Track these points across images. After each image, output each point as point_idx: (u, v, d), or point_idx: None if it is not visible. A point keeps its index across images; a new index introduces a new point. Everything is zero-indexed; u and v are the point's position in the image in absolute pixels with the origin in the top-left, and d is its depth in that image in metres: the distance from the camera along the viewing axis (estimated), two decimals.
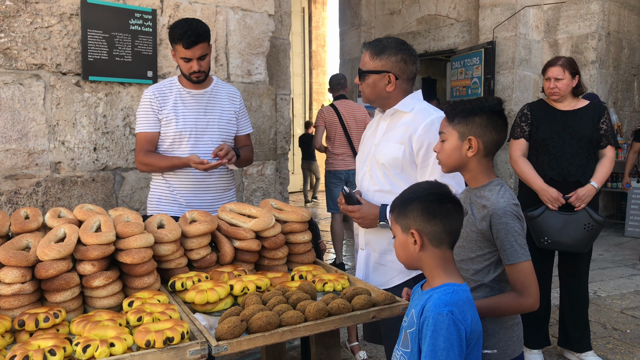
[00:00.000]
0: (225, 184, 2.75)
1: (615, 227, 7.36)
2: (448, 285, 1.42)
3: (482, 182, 1.70)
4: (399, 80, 2.10)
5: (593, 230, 3.03)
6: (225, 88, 2.78)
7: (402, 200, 1.48)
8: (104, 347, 1.35)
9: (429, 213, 1.42)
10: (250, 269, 2.13)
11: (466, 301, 1.40)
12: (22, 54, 2.94)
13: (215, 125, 2.67)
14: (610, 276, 5.14)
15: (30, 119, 2.97)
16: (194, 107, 2.64)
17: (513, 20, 6.89)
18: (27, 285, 1.64)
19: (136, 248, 1.79)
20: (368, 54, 2.10)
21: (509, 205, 1.61)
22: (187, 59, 2.52)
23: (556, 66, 3.11)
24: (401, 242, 1.48)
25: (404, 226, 1.46)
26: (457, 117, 1.69)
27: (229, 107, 2.74)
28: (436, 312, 1.34)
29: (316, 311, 1.61)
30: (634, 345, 3.53)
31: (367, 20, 8.98)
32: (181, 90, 2.65)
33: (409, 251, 1.46)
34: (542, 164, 3.12)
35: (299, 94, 12.93)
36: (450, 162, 1.72)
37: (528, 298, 1.59)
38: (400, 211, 1.47)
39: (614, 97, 7.48)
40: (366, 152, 2.26)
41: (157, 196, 2.70)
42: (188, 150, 2.60)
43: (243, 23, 3.77)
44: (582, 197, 3.02)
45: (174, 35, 2.50)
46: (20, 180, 2.96)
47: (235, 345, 1.46)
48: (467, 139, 1.66)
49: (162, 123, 2.60)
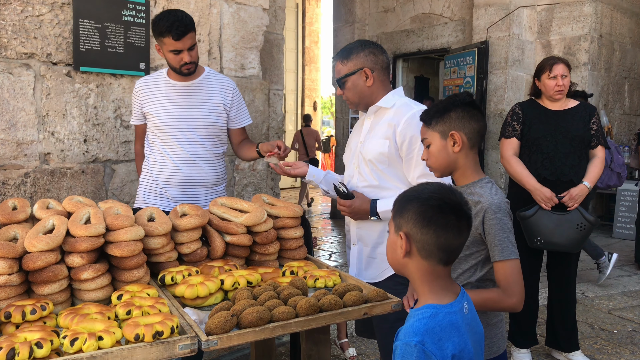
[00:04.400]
0: (214, 180, 2.69)
1: (604, 228, 7.41)
2: (427, 307, 1.24)
3: (471, 179, 1.71)
4: (374, 72, 2.15)
5: (585, 230, 3.04)
6: (217, 79, 2.71)
7: (404, 196, 1.32)
8: (92, 340, 1.33)
9: (423, 219, 1.24)
10: (241, 263, 2.11)
11: (447, 326, 1.21)
12: (12, 43, 2.89)
13: (201, 117, 2.61)
14: (598, 277, 5.18)
15: (20, 108, 2.93)
16: (179, 99, 2.59)
17: (507, 21, 6.91)
18: (14, 276, 1.61)
19: (126, 241, 1.77)
20: (339, 63, 2.19)
21: (503, 203, 1.63)
22: (178, 51, 2.46)
23: (561, 64, 3.10)
24: (391, 241, 1.33)
25: (397, 225, 1.30)
26: (433, 118, 1.72)
27: (218, 99, 2.66)
28: (404, 341, 1.18)
29: (307, 307, 1.60)
30: (620, 346, 3.56)
31: (361, 17, 8.96)
32: (168, 82, 2.61)
33: (395, 254, 1.30)
34: (535, 164, 3.12)
35: (292, 90, 12.90)
36: (440, 165, 1.73)
37: (512, 297, 1.59)
38: (398, 208, 1.31)
39: (605, 99, 7.53)
40: (352, 150, 2.31)
41: (144, 190, 2.68)
42: (174, 143, 2.58)
43: (237, 16, 3.74)
44: (575, 197, 3.03)
45: (160, 28, 2.43)
46: (8, 171, 2.92)
47: (225, 340, 1.45)
48: (449, 135, 1.68)
49: (148, 117, 2.63)
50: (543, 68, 3.15)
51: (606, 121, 7.34)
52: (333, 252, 6.36)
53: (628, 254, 5.98)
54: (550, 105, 3.17)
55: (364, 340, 3.57)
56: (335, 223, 8.35)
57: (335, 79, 2.21)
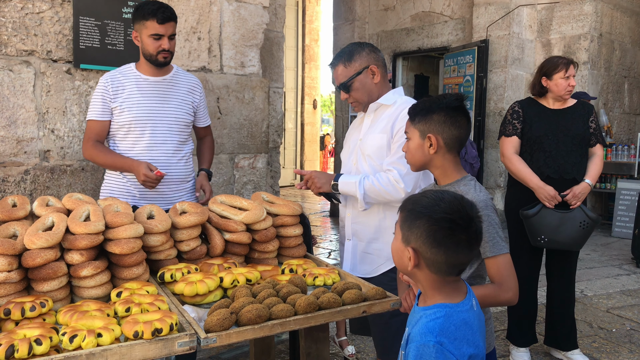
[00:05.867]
0: (182, 175, 2.65)
1: (603, 227, 7.42)
2: (440, 307, 1.22)
3: (452, 177, 1.73)
4: (379, 68, 2.20)
5: (588, 227, 3.05)
6: (186, 77, 2.70)
7: (413, 210, 1.25)
8: (92, 337, 1.33)
9: (434, 240, 1.20)
10: (240, 261, 2.11)
11: (462, 325, 1.20)
12: (12, 40, 2.89)
13: (172, 114, 2.59)
14: (597, 276, 5.18)
15: (20, 106, 2.93)
16: (151, 94, 2.55)
17: (507, 19, 6.91)
18: (13, 273, 1.61)
19: (125, 238, 1.77)
20: (341, 66, 2.20)
21: (488, 199, 1.66)
22: (159, 36, 2.44)
23: (572, 64, 3.11)
24: (397, 248, 1.29)
25: (405, 237, 1.26)
26: (417, 115, 1.74)
27: (187, 97, 2.65)
28: (421, 342, 1.15)
29: (306, 305, 1.60)
30: (619, 345, 3.57)
31: (361, 15, 8.96)
32: (138, 77, 2.55)
33: (402, 261, 1.28)
34: (537, 162, 3.12)
35: (291, 88, 12.88)
36: (415, 161, 1.77)
37: (508, 291, 1.60)
38: (406, 221, 1.26)
39: (605, 98, 7.53)
40: (351, 147, 2.33)
41: (110, 188, 2.59)
42: (144, 139, 2.52)
43: (237, 14, 3.74)
44: (578, 195, 3.03)
45: (143, 12, 2.42)
46: (8, 168, 2.92)
47: (224, 337, 1.45)
48: (427, 136, 1.70)
49: (116, 112, 2.51)
50: (557, 67, 3.10)
51: (606, 120, 7.34)
52: (332, 250, 6.36)
53: (627, 253, 5.99)
54: (549, 104, 3.17)
55: (362, 337, 3.58)
56: (335, 221, 8.35)
57: (339, 84, 2.21)
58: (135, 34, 2.50)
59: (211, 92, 3.63)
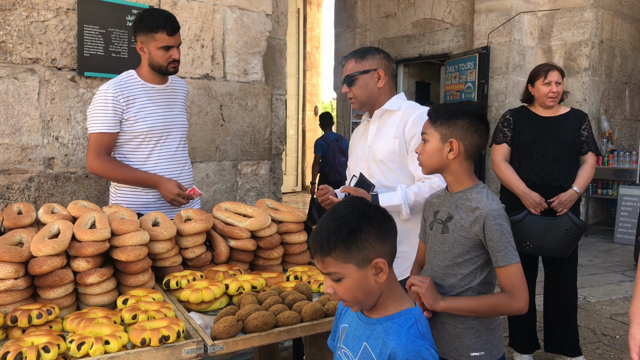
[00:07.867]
0: (188, 182, 2.63)
1: (605, 233, 7.41)
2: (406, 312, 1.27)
3: (466, 185, 1.71)
4: (387, 76, 2.24)
5: (574, 235, 3.05)
6: (180, 83, 2.69)
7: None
8: (99, 344, 1.33)
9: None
10: (245, 268, 2.12)
11: (427, 325, 1.29)
12: (17, 48, 2.91)
13: (178, 122, 2.59)
14: (600, 282, 5.18)
15: (24, 113, 2.94)
16: (161, 103, 2.53)
17: (508, 26, 6.93)
18: (20, 281, 1.62)
19: (131, 245, 1.78)
20: (353, 61, 2.26)
21: (501, 208, 1.64)
22: (168, 47, 2.41)
23: (556, 71, 3.13)
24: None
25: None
26: (440, 119, 1.71)
27: (184, 103, 2.68)
28: (413, 350, 1.17)
29: (313, 312, 1.61)
30: (623, 351, 3.56)
31: (363, 22, 8.99)
32: (145, 86, 2.49)
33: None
34: (524, 169, 3.14)
35: (293, 95, 12.90)
36: (430, 164, 1.73)
37: (519, 301, 1.60)
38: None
39: (606, 105, 7.54)
40: (359, 155, 2.35)
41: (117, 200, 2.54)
42: (157, 148, 2.50)
43: (240, 22, 3.76)
44: (565, 202, 3.04)
45: (152, 24, 2.37)
46: (12, 175, 2.93)
47: (231, 344, 1.46)
48: (448, 141, 1.68)
49: (129, 122, 2.43)
50: (538, 74, 3.17)
51: (607, 126, 7.35)
52: None
53: (629, 259, 5.98)
54: (541, 112, 3.20)
55: None
56: None
57: (345, 76, 2.27)
58: (141, 45, 2.44)
59: (214, 99, 3.64)
